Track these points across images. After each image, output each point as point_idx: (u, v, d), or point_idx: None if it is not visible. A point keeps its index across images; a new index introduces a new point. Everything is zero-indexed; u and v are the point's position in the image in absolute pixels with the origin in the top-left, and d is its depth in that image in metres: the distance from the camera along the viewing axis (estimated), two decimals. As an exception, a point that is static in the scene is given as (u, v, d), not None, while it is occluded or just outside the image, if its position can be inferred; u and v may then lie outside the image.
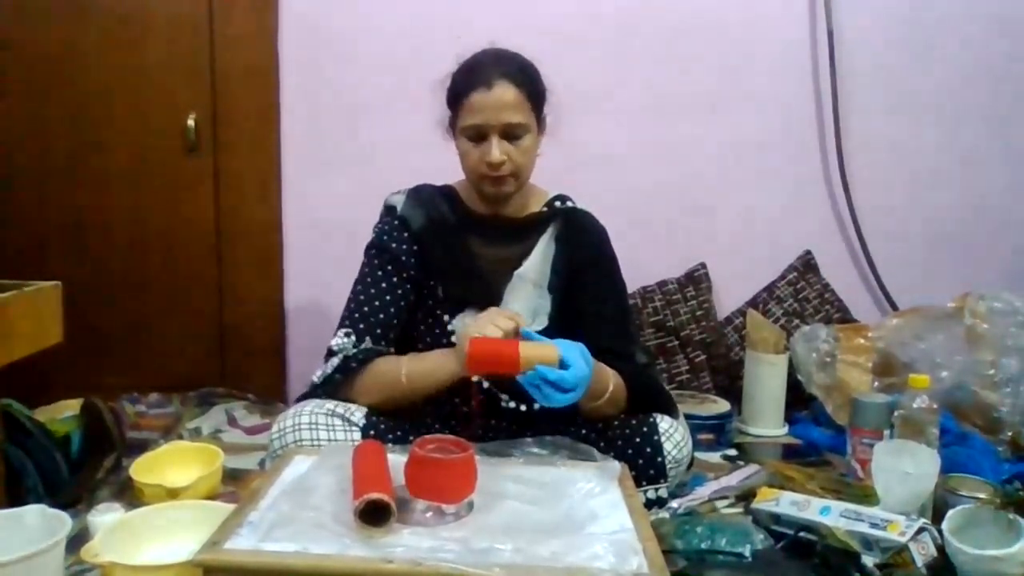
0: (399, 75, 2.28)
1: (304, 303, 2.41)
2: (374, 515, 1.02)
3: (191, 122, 2.31)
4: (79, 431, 1.79)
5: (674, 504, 1.52)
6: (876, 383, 2.07)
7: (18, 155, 2.32)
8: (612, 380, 1.46)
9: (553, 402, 1.27)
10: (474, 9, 2.29)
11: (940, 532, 1.31)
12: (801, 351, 2.17)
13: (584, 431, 1.49)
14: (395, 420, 1.48)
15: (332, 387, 1.50)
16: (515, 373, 1.27)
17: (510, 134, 1.47)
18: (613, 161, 2.36)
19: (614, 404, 1.49)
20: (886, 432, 1.66)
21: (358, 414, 1.47)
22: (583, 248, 1.60)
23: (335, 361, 1.49)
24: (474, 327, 1.33)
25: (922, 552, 1.28)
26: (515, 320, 1.34)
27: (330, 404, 1.47)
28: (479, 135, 1.47)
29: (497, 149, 1.45)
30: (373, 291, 1.55)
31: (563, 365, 1.27)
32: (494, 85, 1.45)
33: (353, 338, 1.51)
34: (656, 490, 1.50)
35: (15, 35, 2.29)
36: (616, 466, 1.27)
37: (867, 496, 1.51)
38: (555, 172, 1.65)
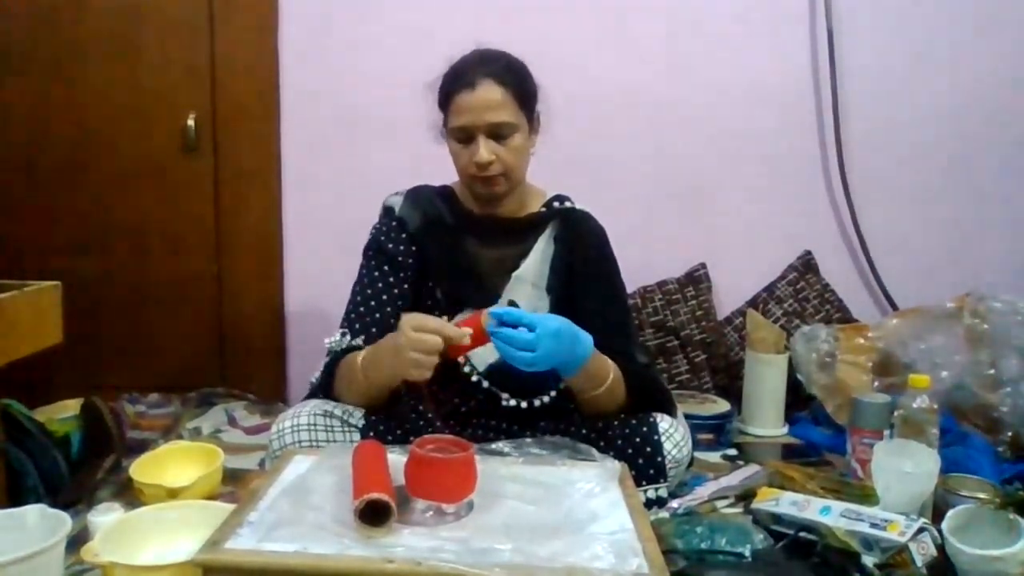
0: (399, 75, 2.26)
1: (304, 303, 2.41)
2: (374, 515, 1.02)
3: (191, 122, 2.31)
4: (79, 431, 1.79)
5: (674, 504, 1.52)
6: (876, 383, 2.07)
7: (18, 155, 2.33)
8: (612, 371, 1.45)
9: (516, 344, 1.23)
10: (474, 8, 2.29)
11: (940, 532, 1.31)
12: (801, 351, 2.17)
13: (584, 431, 1.48)
14: (394, 421, 1.48)
15: (325, 387, 1.50)
16: (486, 340, 1.26)
17: (497, 134, 1.46)
18: (613, 161, 2.36)
19: (613, 396, 1.47)
20: (886, 432, 1.66)
21: (356, 415, 1.47)
22: (582, 248, 1.60)
23: (326, 360, 1.50)
24: (398, 368, 1.28)
25: (922, 552, 1.28)
26: (437, 337, 1.24)
27: (328, 406, 1.47)
28: (466, 136, 1.47)
29: (484, 149, 1.45)
30: (370, 292, 1.55)
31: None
32: (478, 85, 1.44)
33: (348, 338, 1.51)
34: (656, 490, 1.49)
35: (15, 35, 2.29)
36: (616, 466, 1.26)
37: (867, 496, 1.50)
38: (554, 172, 1.65)
